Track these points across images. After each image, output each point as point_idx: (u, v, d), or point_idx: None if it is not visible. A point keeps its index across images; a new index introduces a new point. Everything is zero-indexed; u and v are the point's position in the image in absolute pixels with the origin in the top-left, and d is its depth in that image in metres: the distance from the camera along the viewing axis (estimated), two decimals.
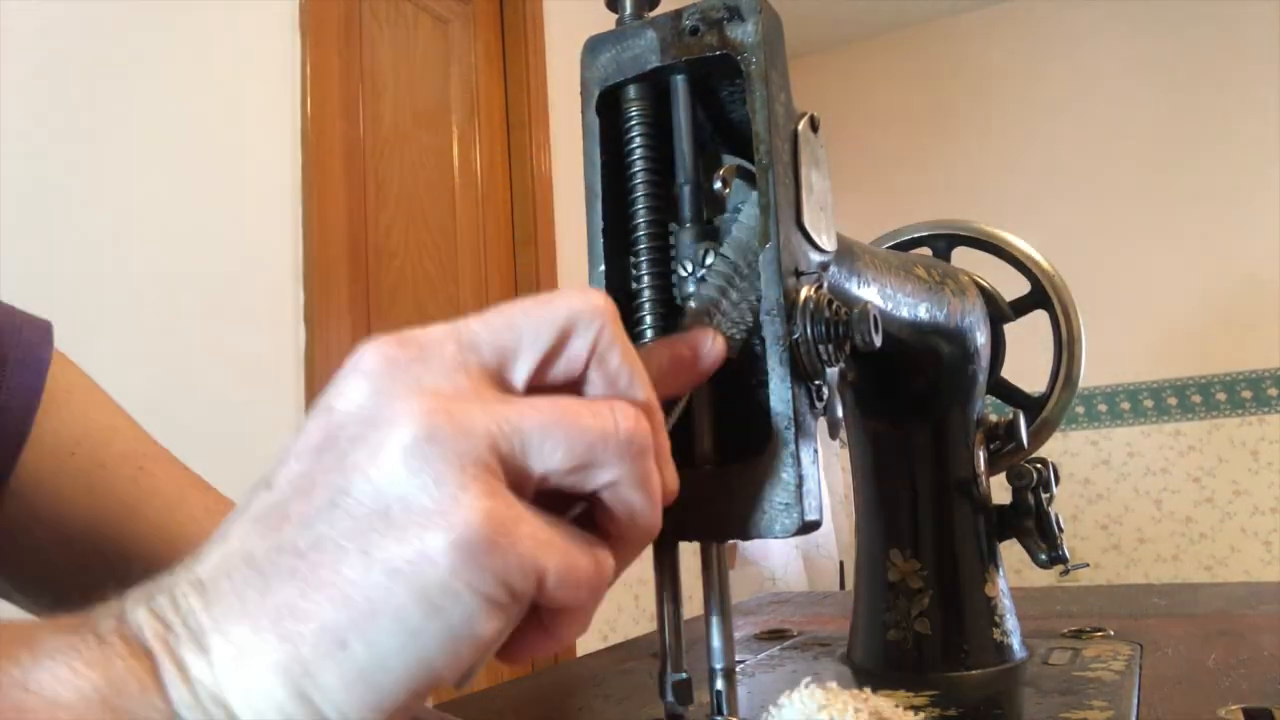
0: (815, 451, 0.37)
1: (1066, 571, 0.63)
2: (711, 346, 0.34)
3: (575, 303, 0.27)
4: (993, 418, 0.65)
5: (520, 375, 0.26)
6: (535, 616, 0.26)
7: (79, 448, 0.51)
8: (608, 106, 0.41)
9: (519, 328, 0.27)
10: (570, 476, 0.25)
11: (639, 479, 0.26)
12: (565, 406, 0.25)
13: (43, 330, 0.52)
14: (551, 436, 0.25)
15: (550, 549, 0.24)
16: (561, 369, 0.27)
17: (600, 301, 0.27)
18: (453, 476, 0.23)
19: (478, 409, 0.24)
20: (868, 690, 0.39)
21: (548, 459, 0.25)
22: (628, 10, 0.41)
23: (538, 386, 0.27)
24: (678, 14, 0.39)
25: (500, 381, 0.26)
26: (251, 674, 0.22)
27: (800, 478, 0.35)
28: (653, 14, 0.41)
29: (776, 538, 0.36)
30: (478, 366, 0.26)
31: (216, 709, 0.22)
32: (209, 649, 0.23)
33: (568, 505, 0.27)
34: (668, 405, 0.33)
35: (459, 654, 0.23)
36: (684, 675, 0.37)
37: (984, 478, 0.63)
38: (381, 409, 0.24)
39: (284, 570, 0.23)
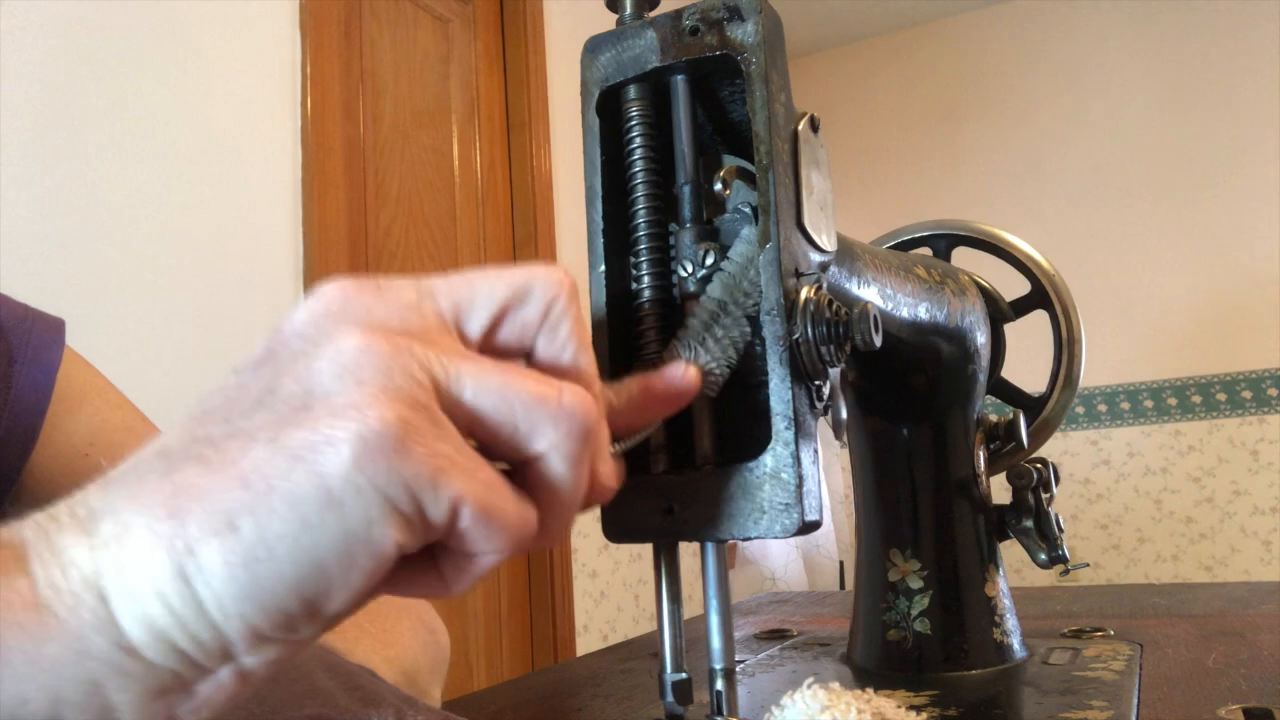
0: (815, 451, 0.37)
1: (1066, 571, 0.63)
2: (683, 379, 0.33)
3: (536, 271, 0.28)
4: (993, 418, 0.65)
5: (473, 328, 0.27)
6: (433, 559, 0.25)
7: (92, 448, 0.51)
8: (608, 106, 0.41)
9: (476, 283, 0.27)
10: (503, 433, 0.25)
11: (572, 455, 0.25)
12: (510, 367, 0.25)
13: (55, 328, 0.52)
14: (490, 385, 0.24)
15: (471, 478, 0.23)
16: (512, 331, 0.27)
17: (560, 275, 0.28)
18: (379, 380, 0.23)
19: (422, 340, 0.24)
20: (870, 691, 0.39)
21: (485, 405, 0.24)
22: (628, 10, 0.41)
23: (491, 350, 0.27)
24: (678, 14, 0.39)
25: (452, 332, 0.26)
26: (131, 551, 0.21)
27: (800, 478, 0.35)
28: (653, 14, 0.41)
29: (776, 538, 0.36)
30: (433, 313, 0.26)
31: (87, 592, 0.21)
32: (93, 532, 0.22)
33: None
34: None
35: (352, 559, 0.22)
36: (684, 675, 0.37)
37: (984, 478, 0.63)
38: (326, 329, 0.24)
39: (191, 456, 0.22)
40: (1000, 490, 0.64)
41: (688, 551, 0.39)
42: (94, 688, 0.21)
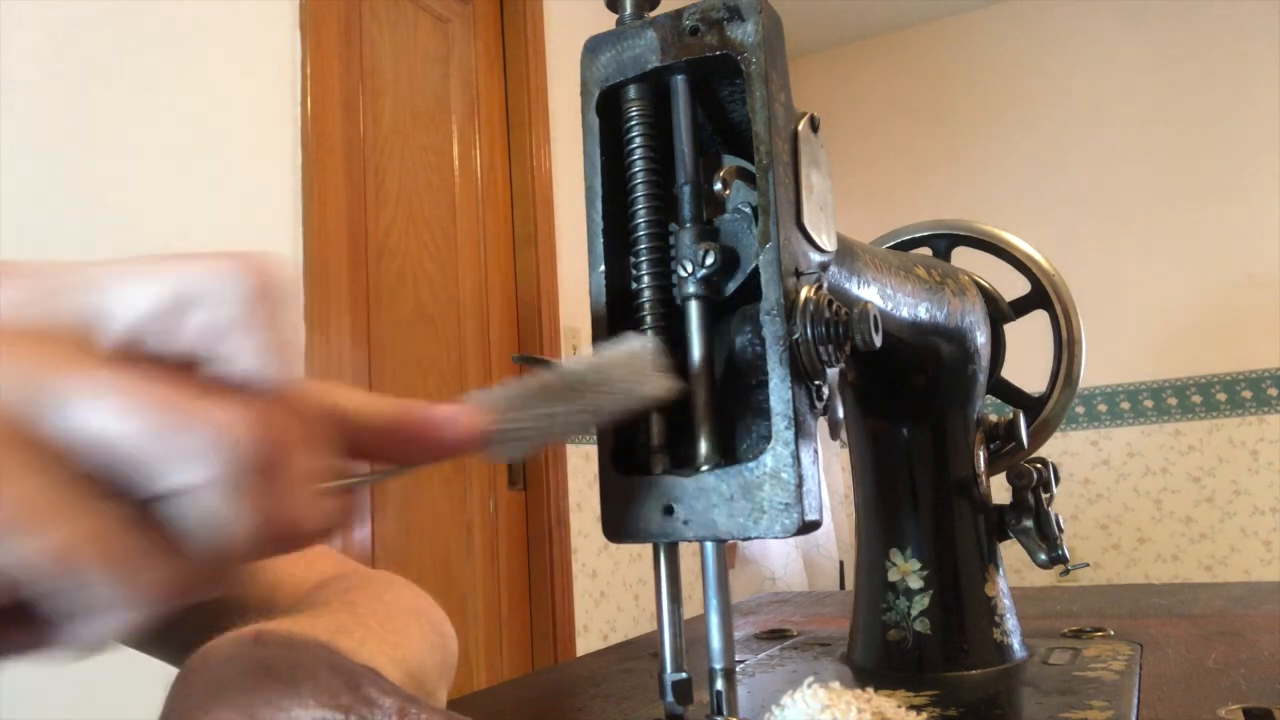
0: (815, 451, 0.37)
1: (1066, 571, 0.63)
2: (461, 427, 0.27)
3: (210, 268, 0.22)
4: (993, 418, 0.65)
5: (110, 335, 0.21)
6: (29, 615, 0.20)
7: None
8: (608, 106, 0.41)
9: (124, 282, 0.22)
10: (132, 465, 0.20)
11: (225, 493, 0.20)
12: (139, 382, 0.20)
13: None
14: (113, 402, 0.19)
15: (50, 531, 0.18)
16: (169, 339, 0.22)
17: (238, 272, 0.22)
18: None
19: (26, 349, 0.20)
20: (870, 690, 0.39)
21: (96, 430, 0.19)
22: (628, 10, 0.41)
23: (143, 359, 0.22)
24: (678, 14, 0.39)
25: (81, 341, 0.21)
26: None
27: (800, 478, 0.35)
28: (653, 14, 0.41)
29: (776, 538, 0.36)
30: (58, 313, 0.21)
31: None
32: None
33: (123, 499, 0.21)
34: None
35: None
36: (684, 675, 0.37)
37: (984, 478, 0.63)
38: None
39: None
40: (1000, 490, 0.64)
41: (688, 551, 0.39)
42: None
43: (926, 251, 0.71)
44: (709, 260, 0.37)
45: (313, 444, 0.22)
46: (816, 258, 0.40)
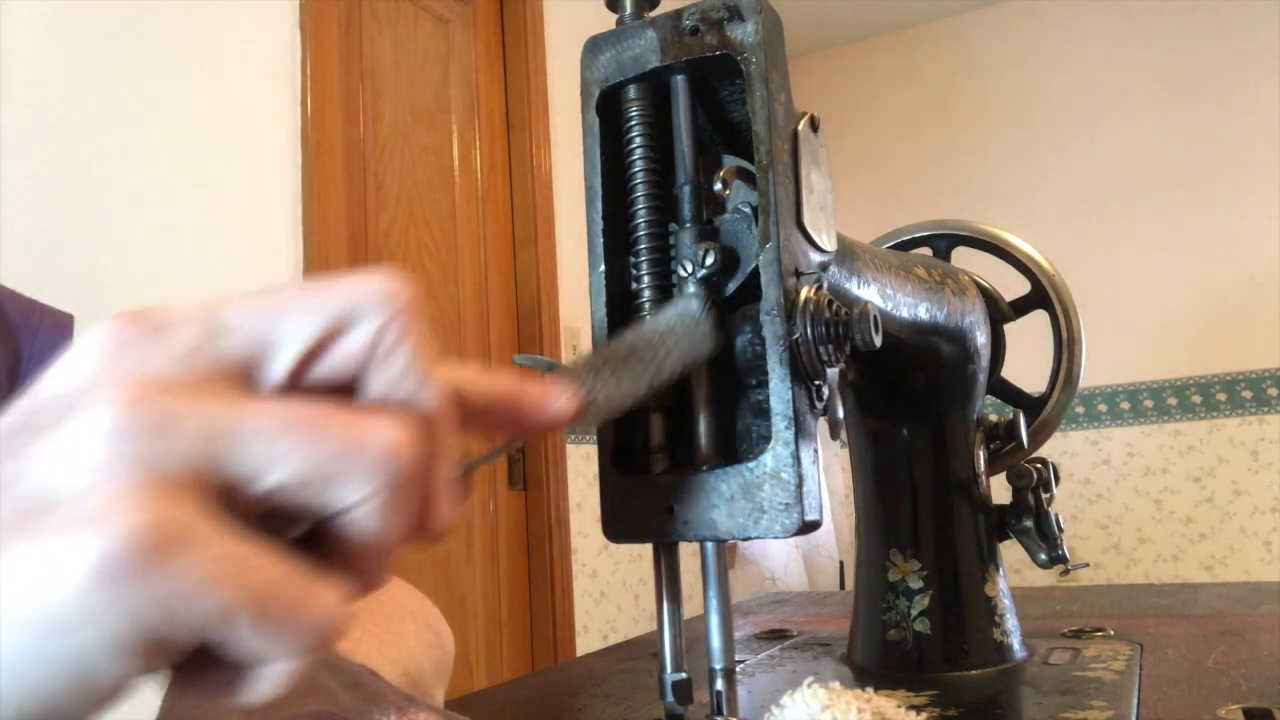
0: (815, 451, 0.37)
1: (1066, 571, 0.63)
2: (558, 408, 0.28)
3: (360, 288, 0.23)
4: (993, 418, 0.65)
5: (274, 372, 0.22)
6: (212, 663, 0.21)
7: None
8: (608, 106, 0.41)
9: (286, 311, 0.23)
10: (302, 492, 0.21)
11: (385, 506, 0.22)
12: (311, 412, 0.21)
13: (63, 323, 0.53)
14: (287, 442, 0.21)
15: (243, 582, 0.19)
16: (333, 366, 0.23)
17: (392, 289, 0.23)
18: (129, 479, 0.19)
19: (196, 406, 0.20)
20: (870, 690, 0.39)
21: (274, 469, 0.21)
22: (628, 10, 0.41)
23: (304, 386, 0.23)
24: (678, 14, 0.39)
25: (250, 377, 0.22)
26: None
27: (800, 478, 0.35)
28: (653, 14, 0.41)
29: (776, 538, 0.36)
30: (227, 355, 0.22)
31: None
32: None
33: (293, 522, 0.23)
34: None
35: (85, 690, 0.19)
36: (684, 675, 0.37)
37: (984, 478, 0.63)
38: (86, 393, 0.21)
39: None
40: (1000, 490, 0.64)
41: (688, 551, 0.39)
42: None
43: (926, 251, 0.71)
44: (709, 260, 0.37)
45: (451, 441, 0.24)
46: (816, 258, 0.40)
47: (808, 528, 0.35)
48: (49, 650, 0.18)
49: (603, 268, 0.40)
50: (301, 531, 0.23)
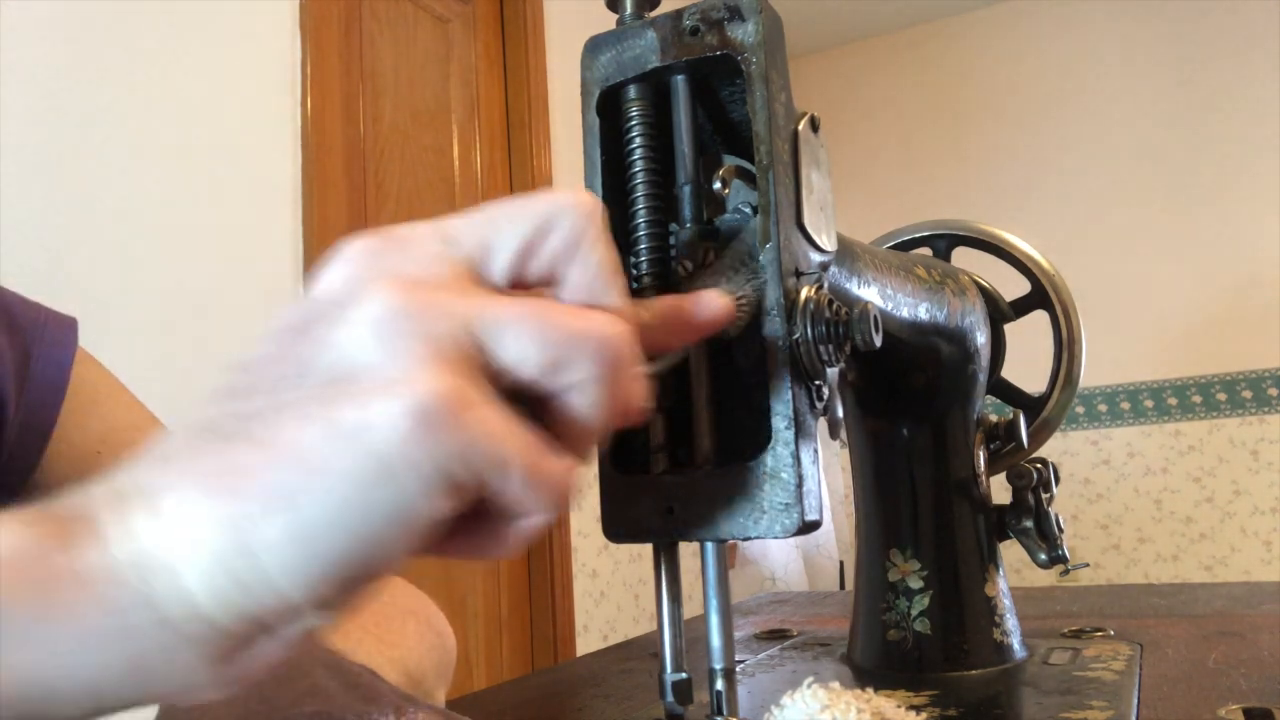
0: (815, 451, 0.37)
1: (1066, 571, 0.63)
2: (718, 306, 0.33)
3: (558, 198, 0.27)
4: (993, 418, 0.65)
5: (499, 268, 0.27)
6: (478, 519, 0.25)
7: (104, 446, 0.51)
8: (608, 106, 0.41)
9: (498, 221, 0.27)
10: (541, 372, 0.25)
11: (604, 386, 0.25)
12: (542, 303, 0.25)
13: (67, 327, 0.53)
14: (526, 328, 0.24)
15: (516, 441, 0.23)
16: (540, 264, 0.27)
17: (584, 199, 0.27)
18: (420, 349, 0.23)
19: (453, 295, 0.24)
20: (870, 690, 0.39)
21: (521, 351, 0.24)
22: (628, 10, 0.41)
23: (518, 285, 0.27)
24: (678, 14, 0.39)
25: (479, 276, 0.26)
26: (197, 529, 0.22)
27: (800, 478, 0.35)
28: (653, 14, 0.41)
29: (776, 538, 0.36)
30: (460, 259, 0.26)
31: (161, 568, 0.22)
32: (159, 510, 0.22)
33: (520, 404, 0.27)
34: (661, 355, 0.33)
35: (406, 528, 0.23)
36: (684, 675, 0.37)
37: (984, 478, 0.63)
38: (355, 291, 0.24)
39: (242, 434, 0.23)
40: (1000, 490, 0.64)
41: (688, 551, 0.39)
42: (168, 655, 0.22)
43: (926, 251, 0.71)
44: (709, 260, 0.37)
45: (635, 340, 0.27)
46: (816, 258, 0.40)
47: (808, 528, 0.35)
48: (378, 496, 0.22)
49: None
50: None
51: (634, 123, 0.40)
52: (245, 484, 0.22)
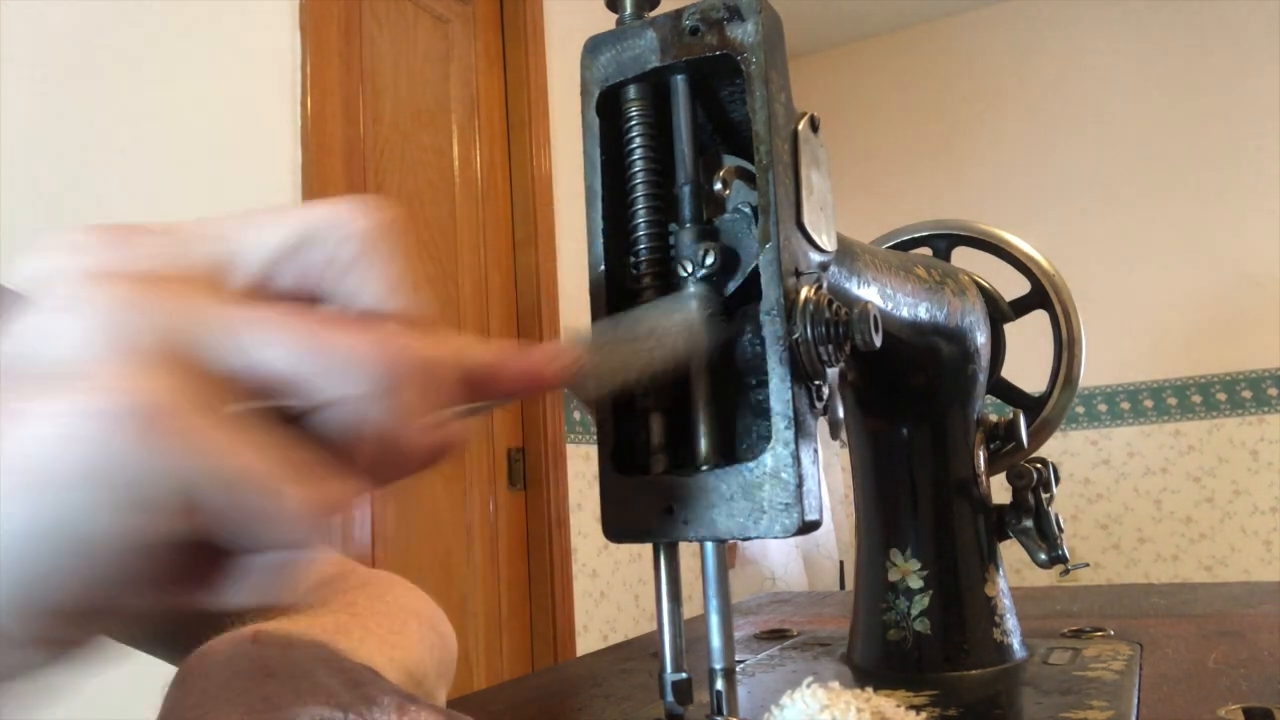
0: (815, 451, 0.37)
1: (1066, 571, 0.63)
2: (554, 367, 0.29)
3: (322, 212, 0.24)
4: (993, 418, 0.65)
5: (242, 275, 0.23)
6: (216, 557, 0.22)
7: None
8: (608, 106, 0.41)
9: (246, 228, 0.24)
10: (286, 385, 0.22)
11: (374, 402, 0.22)
12: (285, 312, 0.22)
13: None
14: (263, 334, 0.21)
15: (244, 455, 0.20)
16: (298, 277, 0.24)
17: (354, 213, 0.24)
18: (126, 342, 0.20)
19: (178, 294, 0.21)
20: (869, 690, 0.39)
21: (257, 359, 0.21)
22: (628, 10, 0.41)
23: (270, 299, 0.23)
24: (678, 14, 0.39)
25: (218, 282, 0.23)
26: None
27: (800, 478, 0.35)
28: (653, 14, 0.41)
29: (776, 538, 0.36)
30: (192, 259, 0.23)
31: None
32: None
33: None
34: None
35: (88, 549, 0.19)
36: (684, 675, 0.37)
37: (984, 478, 0.63)
38: (70, 282, 0.21)
39: None
40: (1000, 490, 0.64)
41: (688, 551, 0.39)
42: None
43: (926, 251, 0.71)
44: (709, 260, 0.37)
45: (431, 370, 0.24)
46: (816, 258, 0.40)
47: (808, 528, 0.35)
48: (47, 508, 0.19)
49: (603, 268, 0.40)
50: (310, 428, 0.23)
51: (634, 123, 0.40)
52: None
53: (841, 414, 0.64)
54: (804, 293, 0.37)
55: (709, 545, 0.38)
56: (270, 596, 0.22)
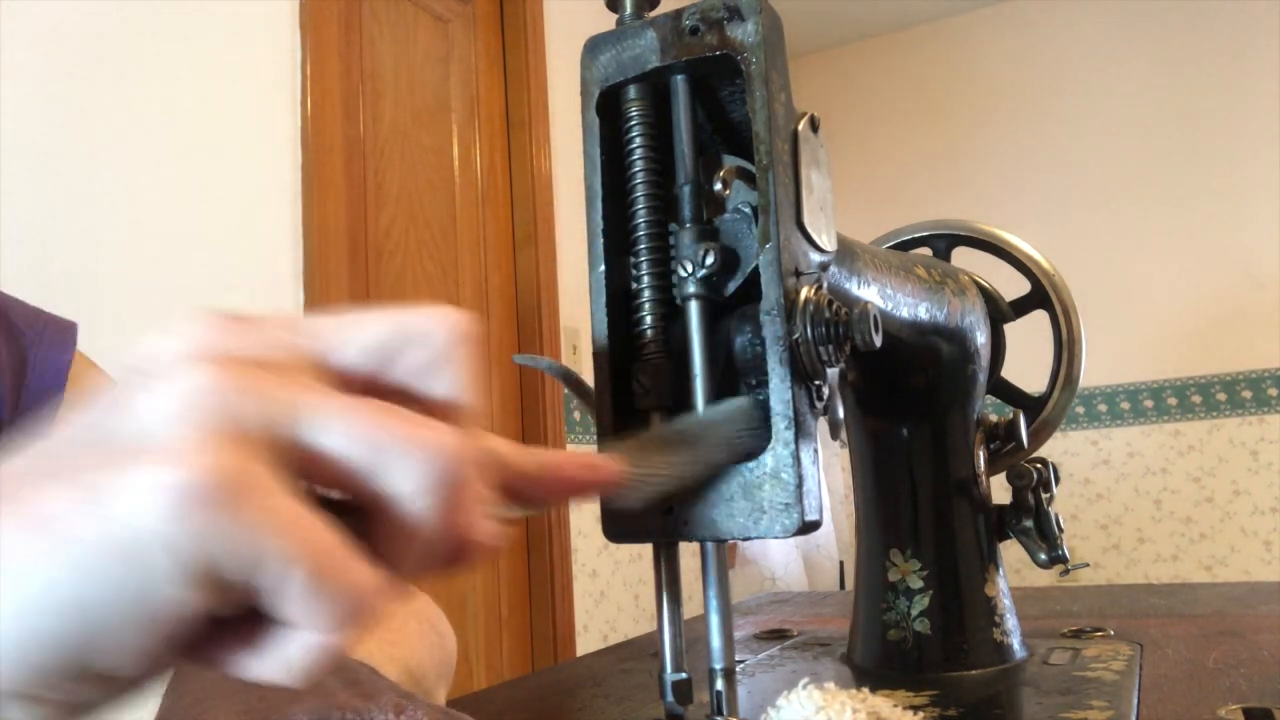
0: (815, 451, 0.37)
1: (1066, 571, 0.63)
2: (605, 475, 0.30)
3: (426, 313, 0.26)
4: (993, 418, 0.65)
5: (347, 365, 0.25)
6: (253, 627, 0.22)
7: None
8: (608, 106, 0.41)
9: (359, 322, 0.25)
10: (359, 471, 0.22)
11: (436, 495, 0.23)
12: (375, 402, 0.23)
13: (67, 331, 0.53)
14: (348, 421, 0.22)
15: (306, 537, 0.20)
16: (397, 373, 0.25)
17: (452, 319, 0.26)
18: (206, 424, 0.21)
19: (280, 381, 0.22)
20: (866, 690, 0.39)
21: (338, 444, 0.22)
22: (628, 10, 0.41)
23: (366, 393, 0.25)
24: (678, 14, 0.39)
25: (324, 373, 0.24)
26: None
27: (800, 478, 0.35)
28: (653, 14, 0.41)
29: (776, 538, 0.36)
30: (307, 350, 0.24)
31: None
32: None
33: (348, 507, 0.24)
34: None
35: (147, 616, 0.20)
36: (684, 675, 0.37)
37: (984, 478, 0.63)
38: (174, 364, 0.22)
39: (5, 495, 0.20)
40: (1000, 490, 0.64)
41: (688, 551, 0.39)
42: None
43: (926, 251, 0.71)
44: (709, 260, 0.37)
45: (488, 471, 0.25)
46: (816, 258, 0.40)
47: (808, 528, 0.35)
48: (116, 574, 0.19)
49: (603, 268, 0.40)
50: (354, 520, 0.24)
51: (634, 123, 0.40)
52: None
53: (841, 414, 0.64)
54: (804, 293, 0.37)
55: (709, 545, 0.38)
56: (294, 676, 0.22)
